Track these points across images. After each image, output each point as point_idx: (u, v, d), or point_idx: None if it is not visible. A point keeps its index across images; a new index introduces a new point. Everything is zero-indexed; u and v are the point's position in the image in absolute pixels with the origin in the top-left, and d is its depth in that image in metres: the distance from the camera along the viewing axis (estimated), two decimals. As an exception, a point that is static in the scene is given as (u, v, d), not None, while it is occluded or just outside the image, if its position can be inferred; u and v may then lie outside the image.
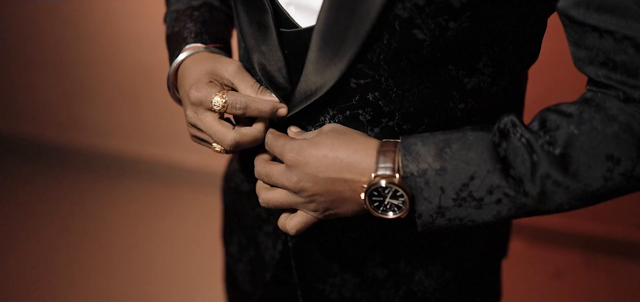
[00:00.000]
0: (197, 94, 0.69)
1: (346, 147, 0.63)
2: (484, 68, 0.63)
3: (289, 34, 0.66)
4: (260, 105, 0.68)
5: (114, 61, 2.57)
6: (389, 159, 0.61)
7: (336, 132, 0.65)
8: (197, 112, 0.70)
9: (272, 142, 0.67)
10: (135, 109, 2.67)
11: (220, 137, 0.69)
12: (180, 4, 0.86)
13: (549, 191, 0.59)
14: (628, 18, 0.54)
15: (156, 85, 2.55)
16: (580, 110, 0.59)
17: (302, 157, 0.63)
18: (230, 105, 0.68)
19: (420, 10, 0.56)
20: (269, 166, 0.67)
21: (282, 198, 0.66)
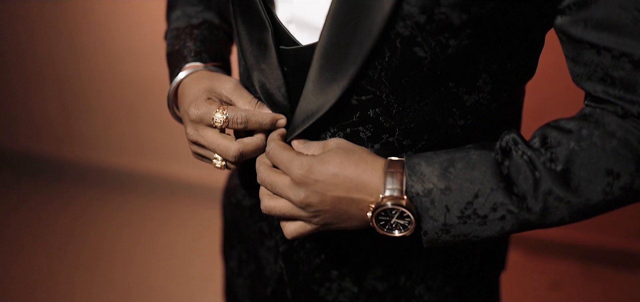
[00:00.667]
0: (197, 112, 0.70)
1: (356, 166, 0.63)
2: (484, 85, 0.64)
3: (289, 52, 0.67)
4: (260, 118, 0.69)
5: (111, 75, 2.58)
6: (396, 180, 0.62)
7: (345, 150, 0.65)
8: (198, 129, 0.71)
9: (277, 154, 0.66)
10: (133, 123, 2.67)
11: (223, 150, 0.70)
12: (181, 22, 0.86)
13: (552, 207, 0.60)
14: (625, 35, 0.55)
15: (153, 99, 2.56)
16: (579, 126, 0.60)
17: (312, 175, 0.63)
18: (231, 120, 0.69)
19: (421, 29, 0.57)
20: (274, 175, 0.66)
21: (285, 209, 0.66)
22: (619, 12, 0.54)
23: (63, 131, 2.80)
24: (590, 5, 0.55)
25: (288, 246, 0.81)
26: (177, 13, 0.89)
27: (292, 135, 0.69)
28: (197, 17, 0.87)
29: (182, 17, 0.87)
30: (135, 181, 2.75)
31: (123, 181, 2.77)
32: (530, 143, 0.62)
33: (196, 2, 0.89)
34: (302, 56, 0.65)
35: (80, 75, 2.63)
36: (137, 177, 2.75)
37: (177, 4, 0.90)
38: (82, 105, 2.70)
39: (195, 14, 0.87)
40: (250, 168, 0.77)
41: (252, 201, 0.87)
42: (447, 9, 0.55)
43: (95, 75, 2.61)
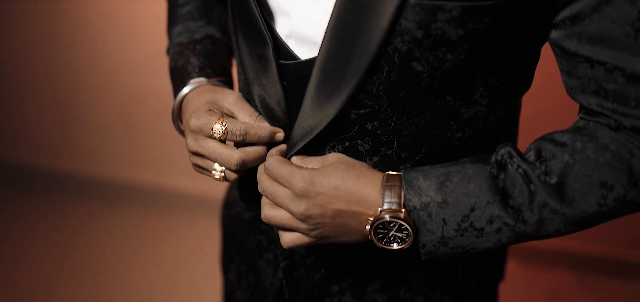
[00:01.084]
0: (197, 122, 0.71)
1: (356, 179, 0.64)
2: (481, 98, 0.65)
3: (289, 66, 0.68)
4: (259, 131, 0.70)
5: (108, 87, 2.58)
6: (395, 194, 0.63)
7: (345, 163, 0.66)
8: (198, 139, 0.72)
9: (277, 169, 0.67)
10: (130, 135, 2.67)
11: (225, 158, 0.70)
12: (183, 37, 0.87)
13: (547, 219, 0.61)
14: (618, 49, 0.56)
15: (150, 111, 2.56)
16: (573, 139, 0.61)
17: (313, 188, 0.64)
18: (230, 132, 0.70)
19: (419, 43, 0.58)
20: (275, 186, 0.67)
21: (285, 220, 0.67)
22: (612, 26, 0.55)
23: (60, 144, 2.80)
24: (584, 20, 0.56)
25: (289, 262, 0.82)
26: (179, 28, 0.90)
27: (291, 152, 0.70)
28: (199, 32, 0.88)
29: (184, 32, 0.88)
30: (133, 193, 2.75)
31: (120, 193, 2.77)
32: (526, 156, 0.63)
33: (198, 17, 0.90)
34: (302, 70, 0.66)
35: (76, 88, 2.63)
36: (134, 189, 2.75)
37: (179, 19, 0.91)
38: (79, 118, 2.71)
39: (197, 28, 0.89)
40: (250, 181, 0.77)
41: (252, 214, 0.87)
42: (443, 24, 0.56)
43: (91, 87, 2.61)
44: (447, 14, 0.55)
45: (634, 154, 0.59)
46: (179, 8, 0.92)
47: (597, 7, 0.55)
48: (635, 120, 0.58)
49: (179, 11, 0.92)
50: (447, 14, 0.55)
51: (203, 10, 0.91)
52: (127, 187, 2.76)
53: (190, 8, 0.91)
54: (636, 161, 0.59)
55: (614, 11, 0.55)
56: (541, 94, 1.91)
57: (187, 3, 0.91)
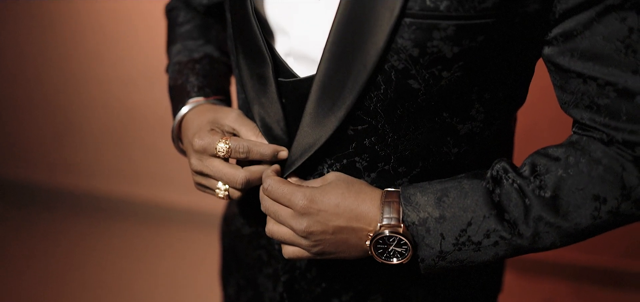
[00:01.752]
0: (201, 142, 0.72)
1: (356, 197, 0.66)
2: (477, 114, 0.67)
3: (288, 84, 0.69)
4: (262, 149, 0.71)
5: (103, 102, 2.59)
6: (394, 209, 0.64)
7: (345, 181, 0.67)
8: (202, 159, 0.73)
9: (276, 190, 0.68)
10: (125, 150, 2.67)
11: (230, 177, 0.71)
12: (182, 56, 0.89)
13: (542, 232, 0.62)
14: (609, 65, 0.57)
15: (145, 125, 2.57)
16: (566, 153, 0.63)
17: (314, 205, 0.65)
18: (233, 150, 0.71)
19: (415, 61, 0.59)
20: (277, 205, 0.68)
21: (287, 235, 0.68)
22: (603, 43, 0.57)
23: (55, 158, 2.80)
24: (576, 37, 0.58)
25: (290, 276, 0.82)
26: (178, 47, 0.91)
27: (290, 169, 0.71)
28: (198, 51, 0.89)
29: (183, 51, 0.89)
30: (129, 208, 2.75)
31: (116, 208, 2.76)
32: (520, 171, 0.65)
33: (196, 36, 0.91)
34: (300, 88, 0.67)
35: (72, 102, 2.63)
36: (130, 203, 2.75)
37: (178, 38, 0.92)
38: (74, 132, 2.71)
39: (196, 47, 0.90)
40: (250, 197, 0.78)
41: (252, 229, 0.88)
42: (439, 43, 0.57)
43: (87, 102, 2.61)
44: (442, 32, 0.56)
45: (625, 168, 0.60)
46: (178, 27, 0.93)
47: (589, 25, 0.57)
48: (627, 134, 0.59)
49: (178, 30, 0.93)
50: (442, 32, 0.56)
51: (202, 30, 0.92)
52: (123, 202, 2.76)
53: (189, 27, 0.92)
54: (628, 175, 0.60)
55: (604, 28, 0.56)
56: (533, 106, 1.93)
57: (186, 22, 0.92)
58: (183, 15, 0.94)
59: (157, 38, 2.34)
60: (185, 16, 0.93)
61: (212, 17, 0.95)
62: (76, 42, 2.49)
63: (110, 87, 2.54)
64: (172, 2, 0.97)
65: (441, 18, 0.56)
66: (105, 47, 2.46)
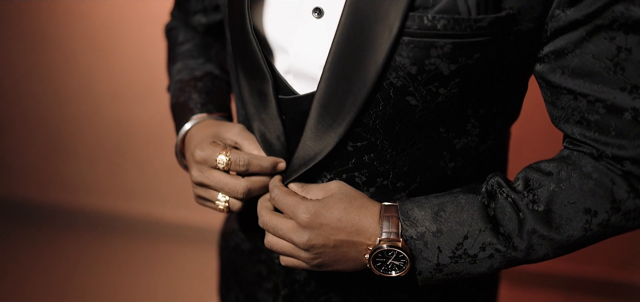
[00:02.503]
0: (202, 153, 0.74)
1: (357, 211, 0.67)
2: (472, 129, 0.69)
3: (288, 101, 0.70)
4: (262, 162, 0.73)
5: (95, 118, 2.59)
6: (392, 224, 0.66)
7: (347, 195, 0.69)
8: (203, 170, 0.74)
9: (282, 199, 0.70)
10: (117, 166, 2.67)
11: (232, 188, 0.73)
12: (183, 74, 0.90)
13: (536, 244, 0.64)
14: (599, 83, 0.60)
15: (138, 141, 2.57)
16: (558, 168, 0.65)
17: (317, 219, 0.67)
18: (233, 162, 0.72)
19: (413, 79, 0.61)
20: (276, 219, 0.70)
21: (287, 248, 0.70)
22: (593, 61, 0.59)
23: (47, 175, 2.79)
24: (567, 55, 0.60)
25: (289, 290, 0.84)
26: (179, 66, 0.92)
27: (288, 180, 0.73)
28: (199, 70, 0.91)
29: (185, 69, 0.91)
30: (122, 224, 2.74)
31: (109, 224, 2.76)
32: (514, 185, 0.67)
33: (197, 55, 0.93)
34: (300, 105, 0.69)
35: (64, 118, 2.64)
36: (123, 219, 2.74)
37: (178, 57, 0.94)
38: (66, 148, 2.70)
39: (197, 66, 0.92)
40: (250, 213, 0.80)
41: (251, 245, 0.89)
42: (437, 60, 0.59)
43: (79, 118, 2.62)
44: (439, 50, 0.58)
45: (615, 182, 0.63)
46: (179, 46, 0.95)
47: (579, 43, 0.59)
48: (616, 149, 0.62)
49: (179, 49, 0.94)
50: (440, 50, 0.58)
51: (202, 49, 0.94)
52: (116, 218, 2.75)
53: (189, 46, 0.94)
54: (617, 188, 0.63)
55: (594, 47, 0.58)
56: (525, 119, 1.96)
57: (187, 41, 0.94)
58: (183, 35, 0.95)
59: (148, 53, 2.35)
60: (185, 35, 0.95)
61: (212, 36, 0.96)
62: (68, 58, 2.49)
63: (103, 102, 2.54)
64: (171, 23, 0.99)
65: (439, 36, 0.57)
66: (97, 62, 2.46)
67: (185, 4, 0.95)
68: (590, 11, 0.57)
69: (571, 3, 0.57)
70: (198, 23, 0.94)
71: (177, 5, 0.98)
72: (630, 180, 0.63)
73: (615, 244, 2.16)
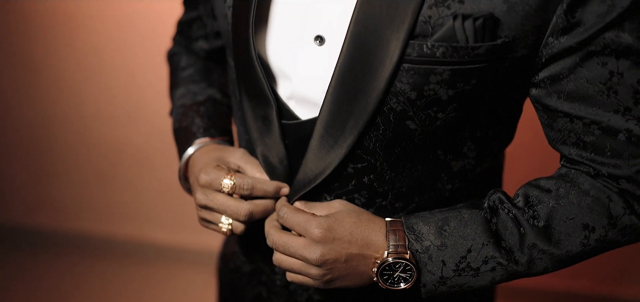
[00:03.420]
0: (206, 177, 0.75)
1: (366, 225, 0.69)
2: (469, 152, 0.71)
3: (291, 126, 0.72)
4: (266, 186, 0.75)
5: (82, 140, 2.58)
6: (399, 237, 0.68)
7: (354, 210, 0.71)
8: (207, 194, 0.76)
9: (292, 217, 0.71)
10: (105, 189, 2.66)
11: (234, 210, 0.74)
12: (186, 99, 0.92)
13: (536, 258, 0.67)
14: (593, 106, 0.62)
15: (126, 163, 2.56)
16: (557, 185, 0.68)
17: (330, 234, 0.68)
18: (238, 186, 0.74)
19: (412, 104, 0.63)
20: (286, 238, 0.71)
21: (297, 266, 0.71)
22: (587, 86, 0.61)
23: (36, 198, 2.77)
24: (562, 79, 0.62)
25: None
26: (181, 91, 0.94)
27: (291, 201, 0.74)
28: (201, 94, 0.93)
29: (187, 94, 0.93)
30: (113, 247, 2.73)
31: (97, 247, 2.74)
32: (515, 201, 0.69)
33: (199, 80, 0.95)
34: (303, 130, 0.71)
35: (51, 141, 2.62)
36: (111, 242, 2.73)
37: (180, 82, 0.96)
38: (53, 172, 2.69)
39: (200, 90, 0.94)
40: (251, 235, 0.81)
41: (252, 267, 0.90)
42: (435, 86, 0.61)
43: (68, 140, 2.61)
44: (438, 76, 0.61)
45: (611, 199, 0.66)
46: (181, 71, 0.97)
47: (573, 69, 0.61)
48: (612, 168, 0.65)
49: (181, 74, 0.96)
50: (438, 76, 0.61)
51: (203, 74, 0.96)
52: (107, 241, 2.74)
53: (191, 71, 0.96)
54: (614, 205, 0.65)
55: (588, 72, 0.61)
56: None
57: (188, 66, 0.96)
58: (185, 60, 0.97)
59: (138, 75, 2.36)
60: (187, 61, 0.97)
61: (213, 61, 0.98)
62: (54, 80, 2.49)
63: (92, 124, 2.54)
64: (173, 48, 1.01)
65: (437, 63, 0.60)
66: (86, 84, 2.46)
67: (187, 30, 0.97)
68: (583, 38, 0.59)
69: (564, 31, 0.59)
70: (200, 49, 0.96)
71: (179, 31, 1.00)
72: (626, 197, 0.65)
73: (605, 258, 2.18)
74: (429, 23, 0.60)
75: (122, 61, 2.37)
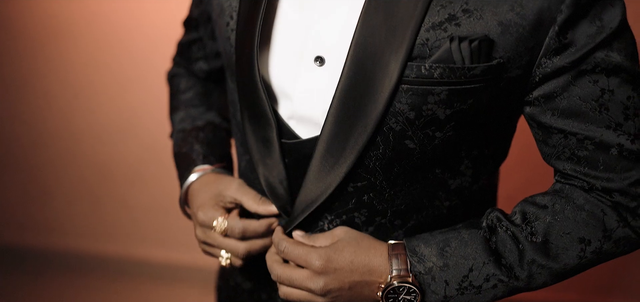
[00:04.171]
0: (203, 217, 0.81)
1: (366, 252, 0.71)
2: (466, 170, 0.74)
3: (291, 145, 0.74)
4: (258, 228, 0.79)
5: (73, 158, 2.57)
6: (401, 261, 0.70)
7: (354, 238, 0.72)
8: (205, 232, 0.82)
9: (292, 251, 0.73)
10: (95, 207, 2.65)
11: (232, 249, 0.80)
12: (185, 123, 0.95)
13: (535, 273, 0.69)
14: (586, 122, 0.65)
15: (115, 181, 2.56)
16: (553, 201, 0.70)
17: (331, 264, 0.70)
18: (230, 229, 0.79)
19: (411, 124, 0.65)
20: (289, 271, 0.73)
21: (304, 296, 0.72)
22: (580, 103, 0.64)
23: (26, 217, 2.75)
24: (556, 98, 0.65)
25: None
26: (181, 115, 0.97)
27: (293, 224, 0.76)
28: (201, 119, 0.95)
29: (187, 118, 0.96)
30: (103, 265, 2.71)
31: (90, 266, 2.72)
32: (512, 219, 0.71)
33: (198, 103, 0.97)
34: (303, 149, 0.73)
35: (40, 160, 2.61)
36: (104, 261, 2.71)
37: (180, 106, 0.98)
38: (43, 190, 2.68)
39: (199, 115, 0.96)
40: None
41: (252, 284, 0.91)
42: (433, 106, 0.64)
43: (57, 158, 2.60)
44: (436, 96, 0.63)
45: (606, 213, 0.68)
46: (181, 94, 0.99)
47: (566, 87, 0.64)
48: (605, 182, 0.67)
49: (181, 97, 0.99)
50: (436, 96, 0.63)
51: (203, 97, 0.98)
52: (97, 259, 2.72)
53: (191, 95, 0.98)
54: (608, 219, 0.68)
55: (580, 90, 0.63)
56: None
57: (188, 89, 0.98)
58: (185, 83, 0.99)
59: (128, 92, 2.36)
60: (187, 83, 0.99)
61: (213, 82, 1.00)
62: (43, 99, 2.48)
63: (82, 142, 2.53)
64: (173, 69, 1.03)
65: (435, 84, 0.62)
66: (76, 101, 2.46)
67: (187, 51, 0.99)
68: (575, 58, 0.62)
69: (557, 52, 0.62)
70: (199, 69, 0.98)
71: (179, 52, 1.01)
72: (619, 210, 0.68)
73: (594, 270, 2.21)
74: (427, 45, 0.62)
75: (112, 78, 2.37)
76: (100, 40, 2.32)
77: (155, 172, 2.45)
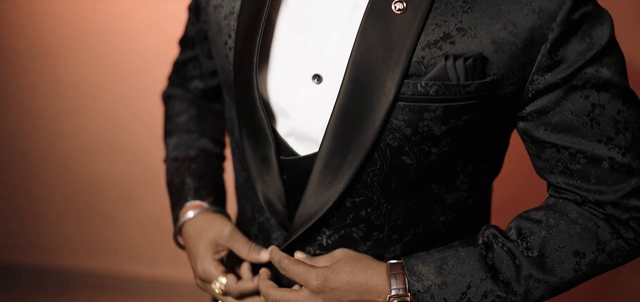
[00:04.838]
0: (203, 273, 0.85)
1: (364, 272, 0.72)
2: (461, 184, 0.75)
3: (289, 162, 0.75)
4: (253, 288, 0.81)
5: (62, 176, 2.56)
6: (400, 280, 0.71)
7: (352, 258, 0.74)
8: (205, 284, 0.86)
9: (292, 268, 0.74)
10: (86, 224, 2.64)
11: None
12: (179, 151, 0.97)
13: (532, 288, 0.69)
14: (578, 136, 0.66)
15: (107, 198, 2.55)
16: (547, 216, 0.71)
17: (328, 284, 0.71)
18: (227, 289, 0.83)
19: (408, 140, 0.66)
20: (288, 294, 0.74)
21: None
22: (572, 118, 0.65)
23: (15, 235, 2.73)
24: (548, 113, 0.66)
25: None
26: (175, 140, 0.98)
27: (291, 238, 0.77)
28: (193, 148, 0.97)
29: (180, 145, 0.97)
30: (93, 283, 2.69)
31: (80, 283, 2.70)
32: (508, 235, 0.72)
33: (192, 128, 0.99)
34: (301, 165, 0.73)
35: (31, 178, 2.60)
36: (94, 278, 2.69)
37: (175, 130, 0.99)
38: (34, 208, 2.66)
39: (192, 142, 0.98)
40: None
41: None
42: (429, 122, 0.65)
43: (46, 177, 2.58)
44: (432, 113, 0.64)
45: (599, 226, 0.69)
46: (175, 117, 1.00)
47: (558, 102, 0.65)
48: (597, 195, 0.68)
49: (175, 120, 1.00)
50: (432, 113, 0.64)
51: (197, 120, 1.00)
52: (86, 277, 2.70)
53: (185, 119, 0.99)
54: (601, 231, 0.69)
55: (572, 105, 0.65)
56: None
57: (183, 113, 1.00)
58: (179, 106, 1.00)
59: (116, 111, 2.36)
60: (181, 107, 1.00)
61: (208, 99, 1.01)
62: (34, 116, 2.47)
63: (71, 161, 2.52)
64: (168, 89, 1.03)
65: (431, 101, 0.64)
66: (64, 119, 2.45)
67: (183, 69, 0.99)
68: (566, 75, 0.63)
69: (549, 68, 0.64)
70: (195, 88, 0.99)
71: (175, 71, 1.02)
72: (612, 222, 0.69)
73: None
74: (423, 63, 0.64)
75: (102, 97, 2.37)
76: (91, 58, 2.31)
77: (143, 190, 2.45)
